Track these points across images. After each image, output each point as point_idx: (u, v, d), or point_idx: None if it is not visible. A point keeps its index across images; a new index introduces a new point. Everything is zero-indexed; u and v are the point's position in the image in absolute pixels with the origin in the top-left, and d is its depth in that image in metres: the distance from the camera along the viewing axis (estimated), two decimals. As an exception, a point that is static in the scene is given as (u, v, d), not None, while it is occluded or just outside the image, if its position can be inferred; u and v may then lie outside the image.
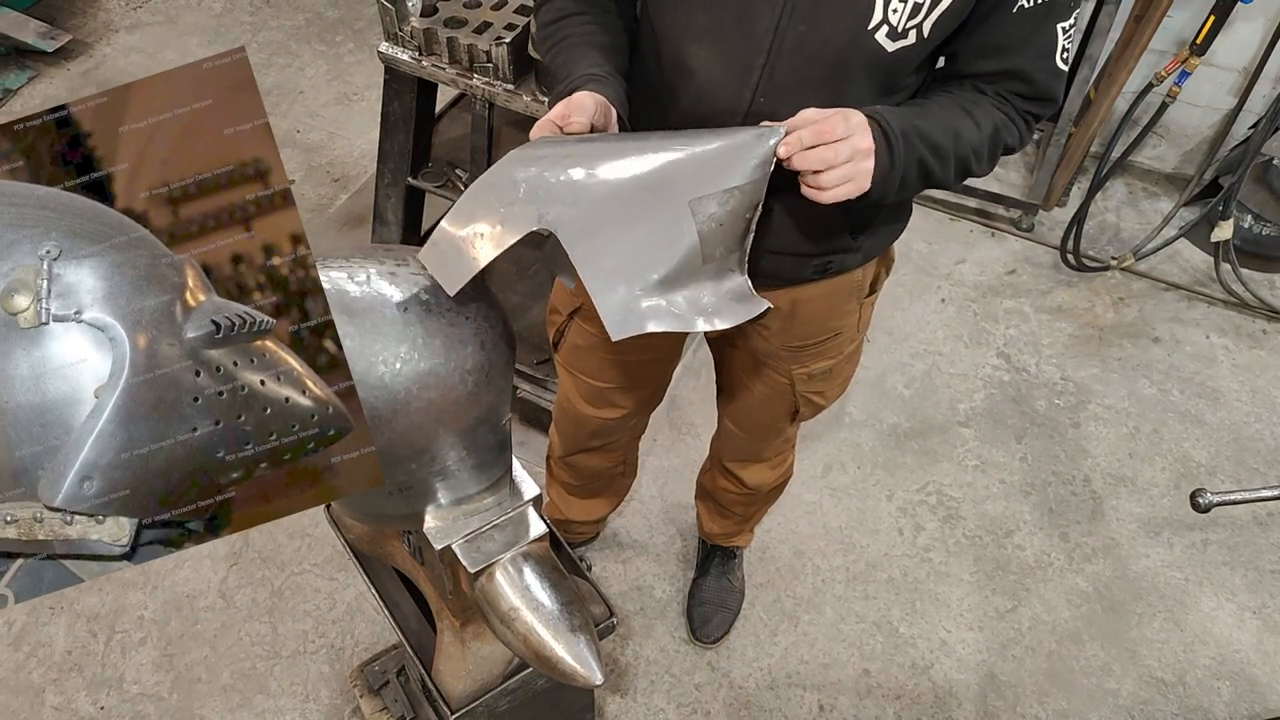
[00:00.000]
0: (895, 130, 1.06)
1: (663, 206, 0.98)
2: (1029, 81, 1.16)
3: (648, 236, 0.98)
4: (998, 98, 1.18)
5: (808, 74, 1.14)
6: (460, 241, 0.97)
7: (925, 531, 2.42)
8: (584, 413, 1.77)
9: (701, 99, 1.22)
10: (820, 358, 1.54)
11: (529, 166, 0.99)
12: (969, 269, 3.03)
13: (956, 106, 1.16)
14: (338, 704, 2.10)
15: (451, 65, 2.01)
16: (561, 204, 0.96)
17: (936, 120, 1.12)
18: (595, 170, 0.98)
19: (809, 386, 1.59)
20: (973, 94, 1.18)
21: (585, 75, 1.17)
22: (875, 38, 1.10)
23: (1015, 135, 1.20)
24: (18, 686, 2.11)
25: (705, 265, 1.01)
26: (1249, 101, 2.90)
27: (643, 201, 0.98)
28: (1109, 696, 2.17)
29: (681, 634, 2.23)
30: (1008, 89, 1.18)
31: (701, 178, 1.00)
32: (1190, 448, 2.61)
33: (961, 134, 1.14)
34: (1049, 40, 1.13)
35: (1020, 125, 1.20)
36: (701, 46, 1.18)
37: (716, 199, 1.00)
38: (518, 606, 1.15)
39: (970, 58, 1.16)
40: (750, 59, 1.15)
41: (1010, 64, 1.15)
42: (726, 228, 1.02)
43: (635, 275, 0.98)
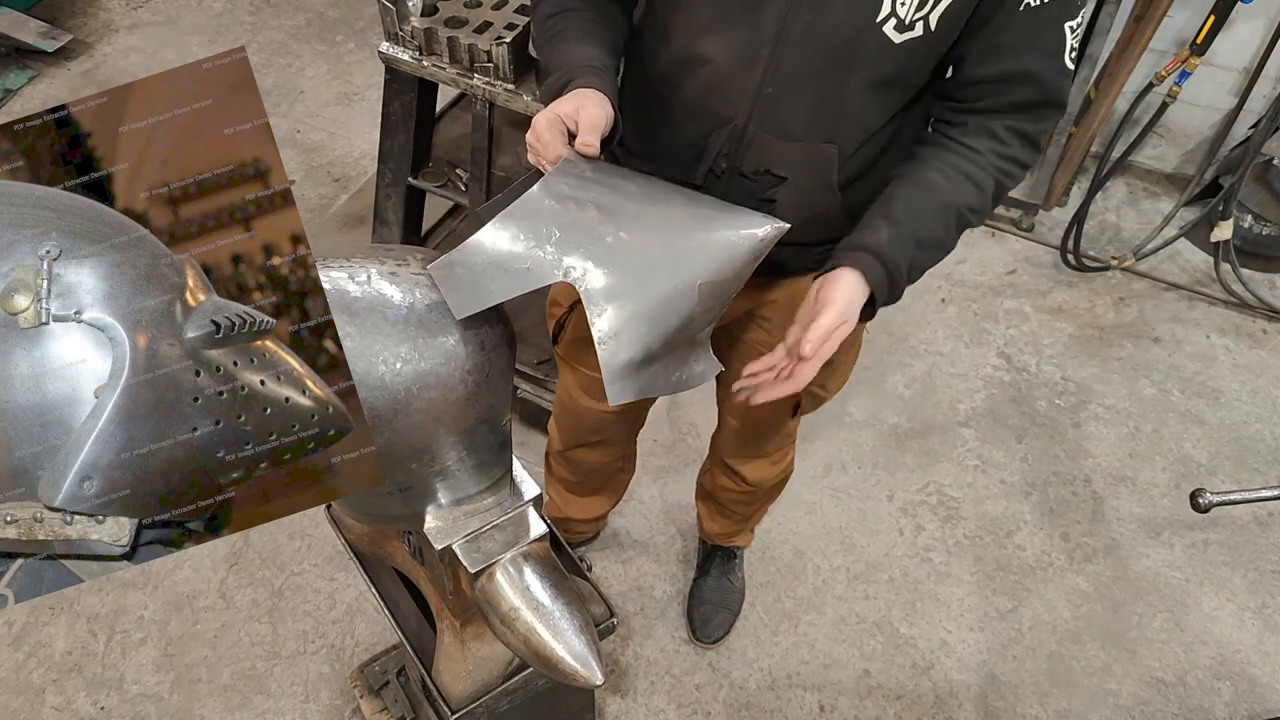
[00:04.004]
0: (899, 265, 1.16)
1: (675, 282, 1.03)
2: (1037, 82, 1.15)
3: (655, 309, 1.02)
4: (998, 140, 1.18)
5: (814, 65, 1.15)
6: (479, 271, 0.97)
7: (926, 532, 2.42)
8: (583, 405, 1.78)
9: (709, 90, 1.22)
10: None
11: (564, 206, 1.00)
12: (969, 269, 3.03)
13: (960, 176, 1.18)
14: (338, 704, 2.10)
15: (452, 65, 2.01)
16: (591, 262, 0.99)
17: (936, 216, 1.18)
18: (624, 232, 1.02)
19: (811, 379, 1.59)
20: (975, 151, 1.19)
21: (584, 66, 1.16)
22: (883, 30, 1.10)
23: (1018, 174, 1.21)
24: (18, 686, 2.11)
25: (689, 340, 1.09)
26: (1249, 101, 2.90)
27: (660, 276, 1.02)
28: (1109, 697, 2.17)
29: (682, 634, 2.23)
30: (1015, 100, 1.17)
31: (711, 261, 1.05)
32: (1190, 448, 2.61)
33: (960, 212, 1.19)
34: (1057, 39, 1.13)
35: (1023, 159, 1.20)
36: (709, 37, 1.19)
37: (718, 286, 1.06)
38: (518, 607, 1.15)
39: (977, 61, 1.16)
40: (757, 49, 1.16)
41: (1018, 65, 1.14)
42: (714, 311, 1.09)
43: (637, 342, 1.02)
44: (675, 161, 1.30)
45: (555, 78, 1.18)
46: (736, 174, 1.27)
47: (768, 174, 1.26)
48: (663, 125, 1.31)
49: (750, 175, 1.26)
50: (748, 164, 1.26)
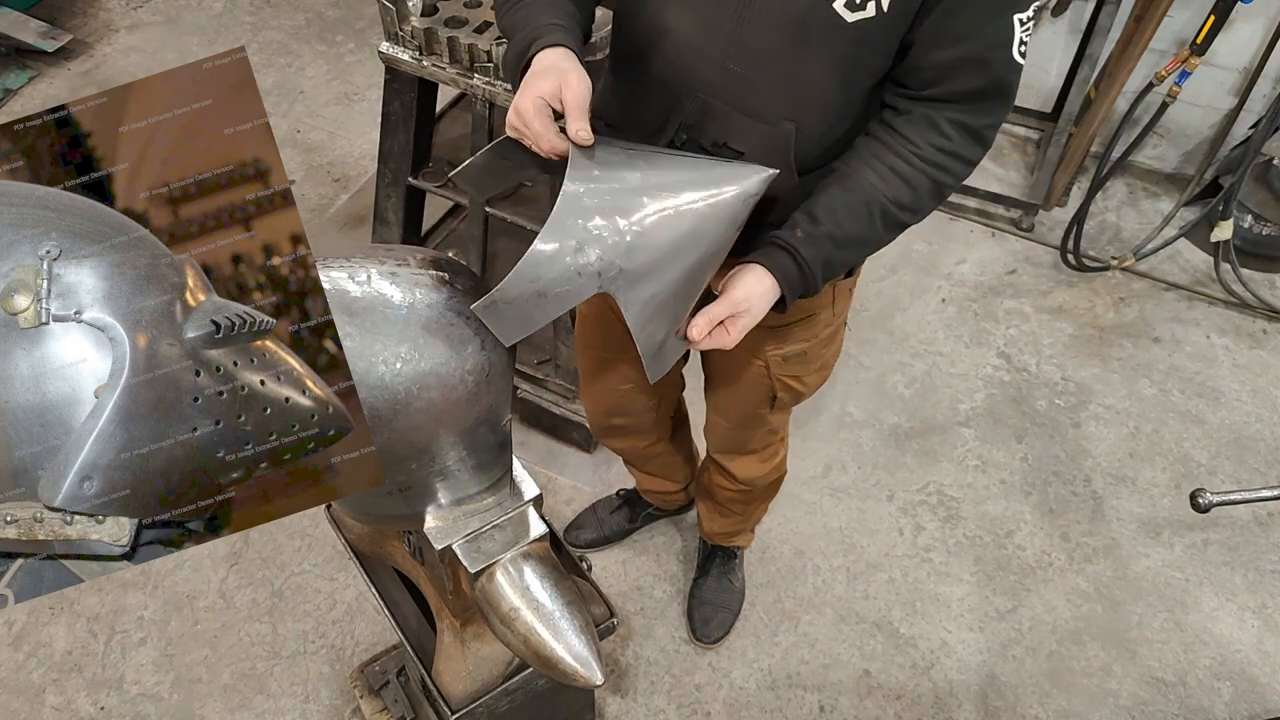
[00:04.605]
0: (812, 262, 1.20)
1: (694, 256, 1.12)
2: (983, 70, 1.16)
3: (680, 289, 1.13)
4: (940, 134, 1.19)
5: (773, 40, 1.17)
6: (522, 303, 1.02)
7: (925, 532, 2.42)
8: (595, 387, 1.82)
9: (675, 65, 1.23)
10: (795, 339, 1.54)
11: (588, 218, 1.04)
12: (969, 269, 3.03)
13: (891, 174, 1.21)
14: (338, 704, 2.10)
15: (452, 65, 2.01)
16: (621, 265, 1.05)
17: (858, 215, 1.21)
18: (645, 225, 1.07)
19: (784, 370, 1.59)
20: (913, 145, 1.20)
21: (549, 24, 1.15)
22: (833, 7, 1.12)
23: (960, 169, 1.23)
24: (18, 686, 2.11)
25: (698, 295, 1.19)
26: (1249, 101, 2.90)
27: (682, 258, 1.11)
28: (1109, 697, 2.17)
29: (682, 634, 2.23)
30: (961, 88, 1.18)
31: (719, 227, 1.14)
32: (1190, 448, 2.61)
33: (888, 209, 1.22)
34: (1005, 30, 1.14)
35: (966, 154, 1.21)
36: (672, 7, 1.20)
37: (725, 244, 1.16)
38: (518, 607, 1.15)
39: (926, 46, 1.17)
40: (719, 21, 1.18)
41: (967, 51, 1.15)
42: (719, 263, 1.18)
43: (668, 323, 1.14)
44: (639, 131, 1.31)
45: (519, 38, 1.17)
46: (695, 146, 1.29)
47: (726, 147, 1.27)
48: (632, 95, 1.33)
49: (709, 148, 1.28)
50: (707, 137, 1.27)
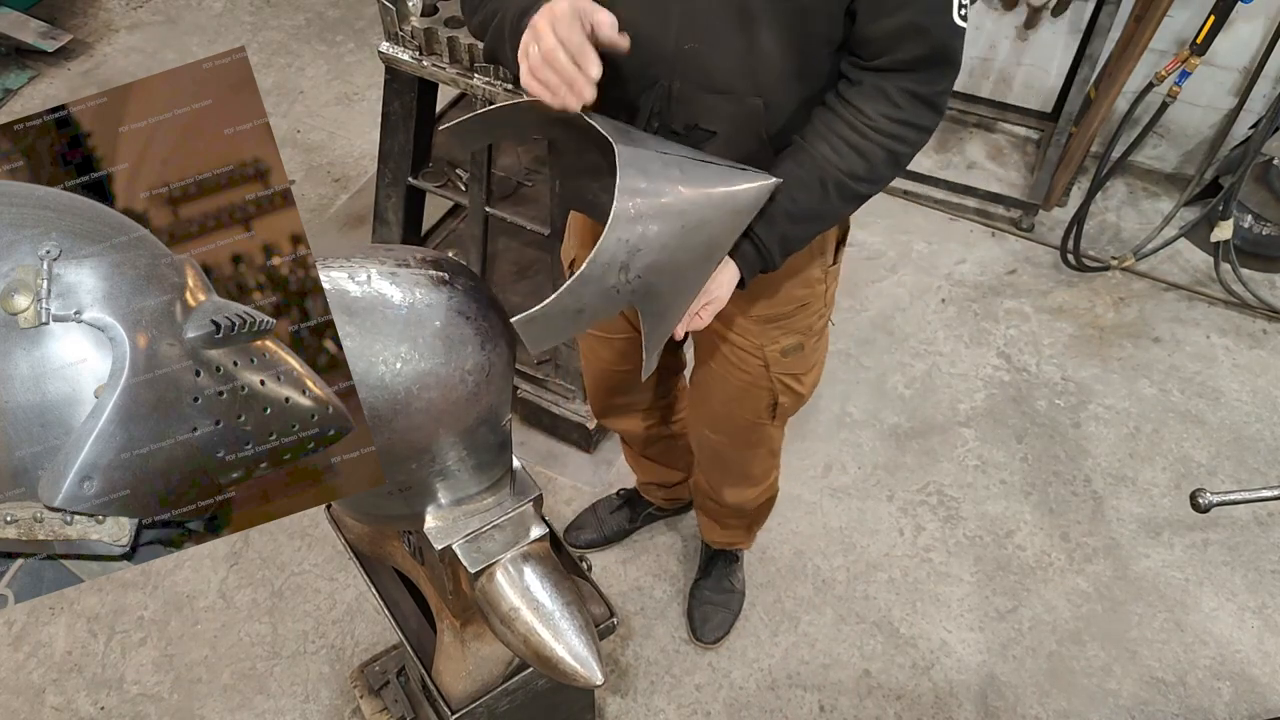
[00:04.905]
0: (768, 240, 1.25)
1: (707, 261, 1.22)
2: (925, 37, 1.17)
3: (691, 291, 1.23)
4: (891, 103, 1.21)
5: (722, 15, 1.17)
6: (562, 316, 1.06)
7: (925, 532, 2.42)
8: (594, 366, 1.84)
9: (635, 51, 1.21)
10: (790, 332, 1.55)
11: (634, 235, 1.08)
12: (969, 269, 3.03)
13: (846, 146, 1.23)
14: (338, 704, 2.10)
15: (452, 65, 2.01)
16: (645, 281, 1.10)
17: (812, 190, 1.24)
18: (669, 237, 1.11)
19: (783, 367, 1.59)
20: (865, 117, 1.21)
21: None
22: None
23: (915, 137, 1.24)
24: (18, 686, 2.12)
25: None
26: (1249, 101, 2.90)
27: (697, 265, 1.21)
28: (1109, 697, 2.17)
29: (682, 634, 2.23)
30: (906, 57, 1.18)
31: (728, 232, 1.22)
32: (1190, 448, 2.61)
33: (843, 182, 1.24)
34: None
35: (919, 122, 1.23)
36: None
37: (728, 242, 1.24)
38: (518, 607, 1.15)
39: (870, 15, 1.17)
40: (667, 6, 1.18)
41: (907, 18, 1.16)
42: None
43: (670, 325, 1.22)
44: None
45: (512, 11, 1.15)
46: (668, 130, 1.29)
47: (697, 128, 1.27)
48: (608, 85, 1.32)
49: (681, 130, 1.28)
50: (678, 120, 1.28)
